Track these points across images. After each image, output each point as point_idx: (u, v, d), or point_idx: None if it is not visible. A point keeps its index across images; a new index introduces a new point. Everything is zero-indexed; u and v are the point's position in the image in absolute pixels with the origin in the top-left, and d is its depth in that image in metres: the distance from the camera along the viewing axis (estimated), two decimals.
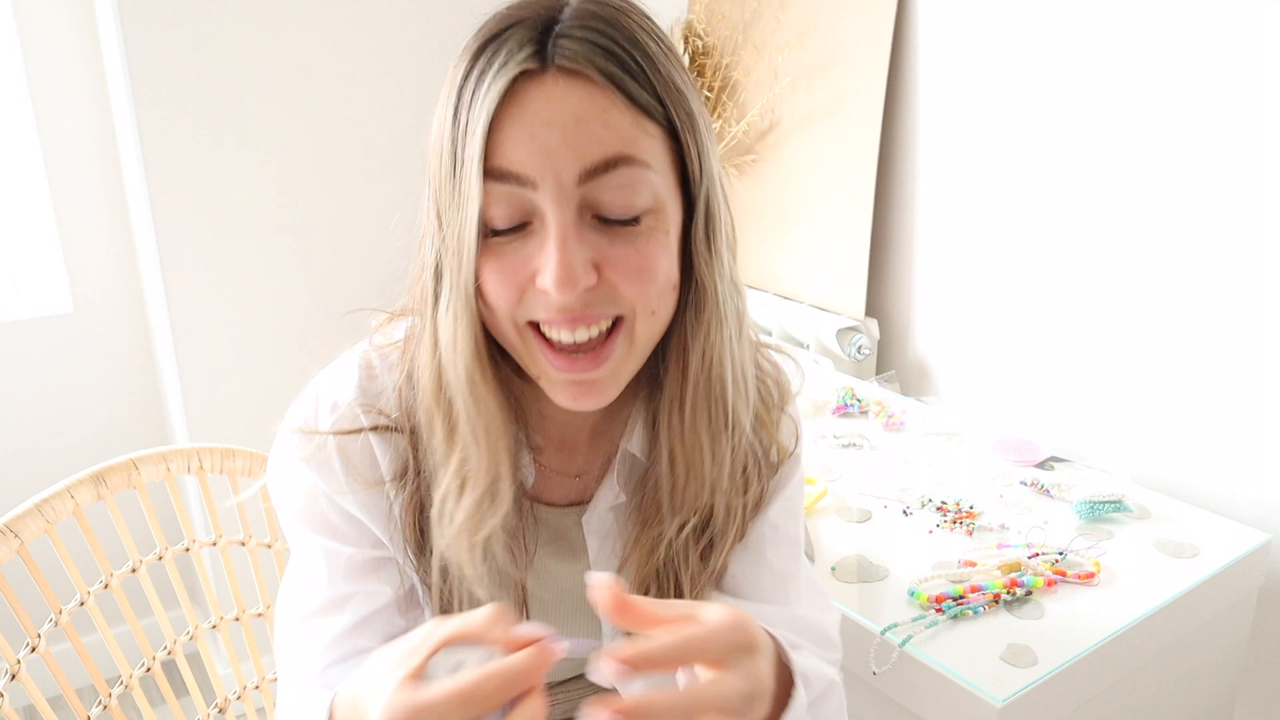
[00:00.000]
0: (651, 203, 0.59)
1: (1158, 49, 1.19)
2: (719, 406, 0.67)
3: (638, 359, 0.63)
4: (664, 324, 0.64)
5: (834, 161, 1.59)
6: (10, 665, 0.93)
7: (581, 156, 0.56)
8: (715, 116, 1.77)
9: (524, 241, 0.59)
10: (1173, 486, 1.25)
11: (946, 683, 0.87)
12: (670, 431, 0.67)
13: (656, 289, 0.61)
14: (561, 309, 0.58)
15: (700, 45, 1.78)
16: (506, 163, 0.57)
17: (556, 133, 0.56)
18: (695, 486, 0.69)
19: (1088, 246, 1.31)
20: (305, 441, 0.68)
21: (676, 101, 0.60)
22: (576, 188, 0.57)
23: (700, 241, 0.63)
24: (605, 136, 0.57)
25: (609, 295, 0.59)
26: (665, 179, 0.60)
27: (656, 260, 0.60)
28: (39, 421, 1.97)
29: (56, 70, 1.82)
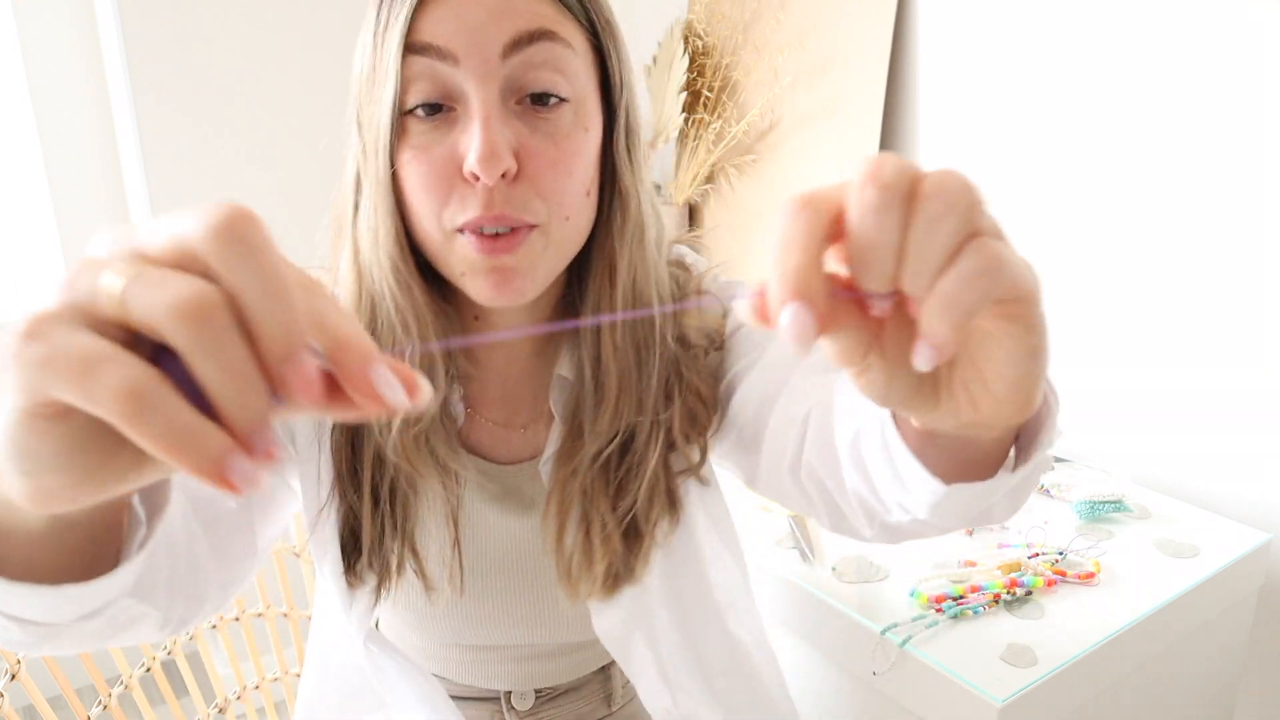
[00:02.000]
0: (573, 92, 0.60)
1: (1159, 48, 1.19)
2: (646, 320, 0.67)
3: (555, 259, 0.63)
4: (580, 232, 0.64)
5: (834, 161, 1.59)
6: (10, 665, 0.93)
7: (507, 29, 0.57)
8: (715, 116, 1.77)
9: (447, 130, 0.59)
10: (1173, 486, 1.25)
11: (946, 683, 0.87)
12: (600, 343, 0.67)
13: (571, 188, 0.60)
14: (486, 204, 0.57)
15: (700, 45, 1.78)
16: (429, 36, 0.57)
17: (481, 10, 0.57)
18: (626, 399, 0.68)
19: (1087, 246, 1.31)
20: None
21: (599, 11, 0.62)
22: (501, 62, 0.57)
23: (622, 150, 0.64)
24: (528, 13, 0.57)
25: (528, 191, 0.59)
26: (586, 75, 0.61)
27: (574, 156, 0.60)
28: None
29: (56, 70, 1.83)
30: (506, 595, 0.76)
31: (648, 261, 0.67)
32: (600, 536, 0.70)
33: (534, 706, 0.84)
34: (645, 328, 0.68)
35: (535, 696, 0.84)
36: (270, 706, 1.19)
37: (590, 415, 0.69)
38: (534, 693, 0.84)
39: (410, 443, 0.66)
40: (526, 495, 0.75)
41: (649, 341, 0.68)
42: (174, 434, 0.27)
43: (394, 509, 0.69)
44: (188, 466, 0.27)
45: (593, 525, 0.70)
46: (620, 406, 0.68)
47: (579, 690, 0.86)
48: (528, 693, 0.84)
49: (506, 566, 0.76)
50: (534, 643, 0.80)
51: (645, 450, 0.70)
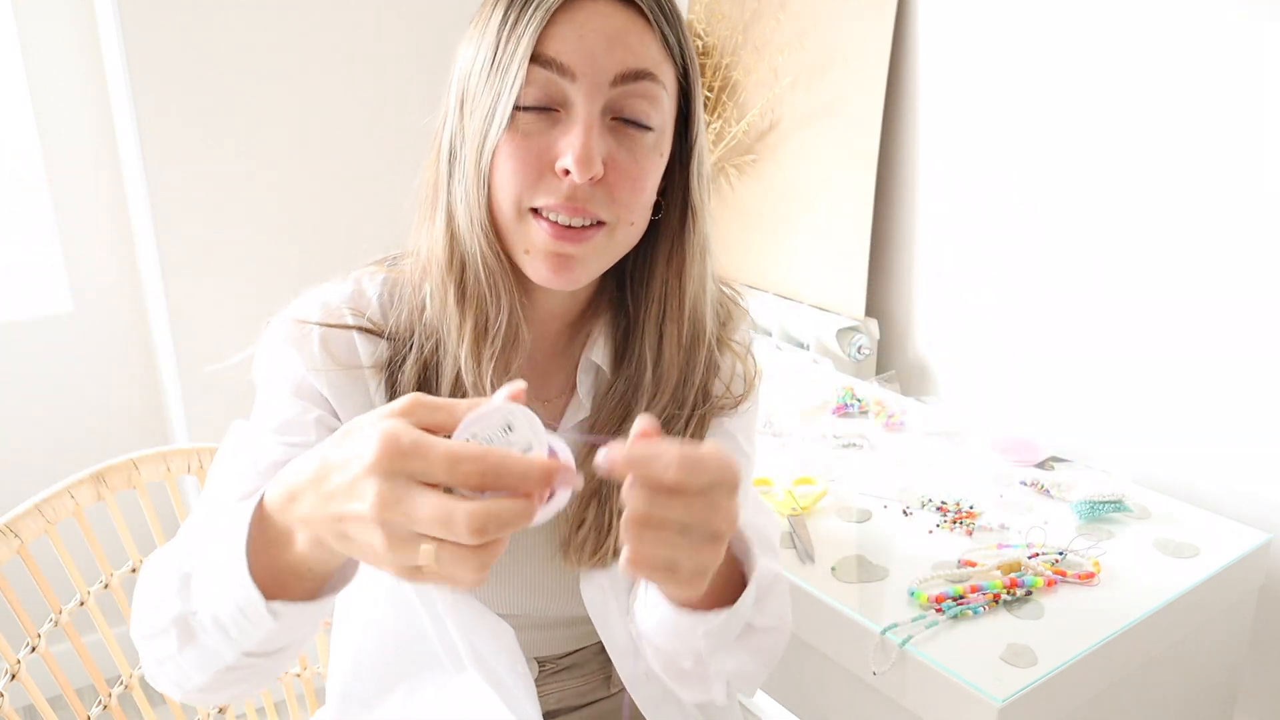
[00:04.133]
0: (658, 123, 0.69)
1: (1158, 49, 1.19)
2: (701, 327, 0.77)
3: (611, 257, 0.71)
4: (635, 237, 0.72)
5: (834, 161, 1.58)
6: (10, 665, 0.93)
7: (620, 62, 0.66)
8: (715, 116, 1.77)
9: (548, 127, 0.67)
10: (1173, 486, 1.25)
11: (946, 683, 0.87)
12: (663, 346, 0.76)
13: (640, 201, 0.70)
14: (570, 196, 0.66)
15: (700, 45, 1.78)
16: (554, 52, 0.66)
17: (602, 39, 0.66)
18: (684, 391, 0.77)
19: (1088, 246, 1.31)
20: (293, 326, 0.76)
21: (691, 52, 0.72)
22: (609, 88, 0.66)
23: (695, 174, 0.74)
24: (641, 53, 0.67)
25: (605, 196, 0.67)
26: (670, 111, 0.71)
27: (648, 174, 0.70)
28: (39, 421, 1.97)
29: (56, 70, 1.82)
30: (508, 563, 0.81)
31: (705, 274, 0.77)
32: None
33: (537, 678, 0.87)
34: (698, 332, 0.77)
35: (539, 668, 0.88)
36: (270, 707, 1.19)
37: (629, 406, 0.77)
38: (535, 662, 0.87)
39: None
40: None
41: (699, 344, 0.78)
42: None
43: None
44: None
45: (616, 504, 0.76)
46: (671, 399, 0.77)
47: (581, 667, 0.89)
48: (530, 661, 0.87)
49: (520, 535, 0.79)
50: (527, 613, 0.83)
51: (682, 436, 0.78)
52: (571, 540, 0.78)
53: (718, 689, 0.74)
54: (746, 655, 0.72)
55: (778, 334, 1.68)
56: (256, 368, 0.78)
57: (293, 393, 0.75)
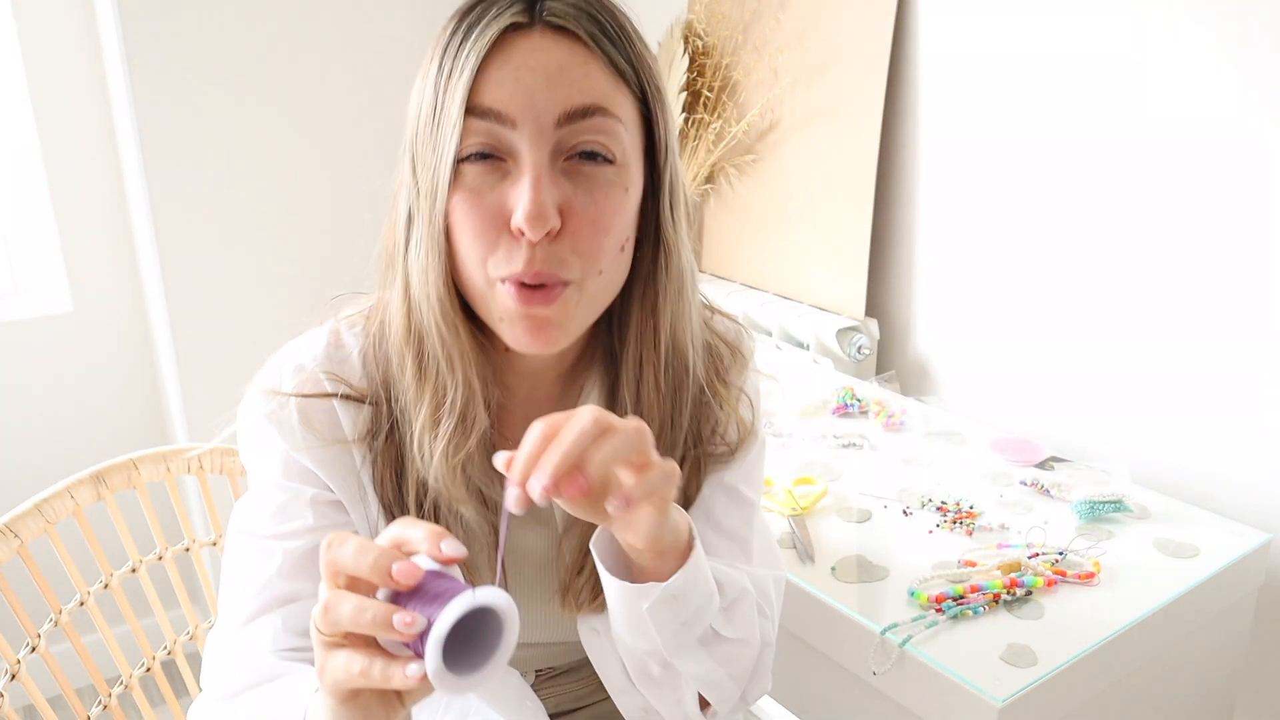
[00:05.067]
0: (618, 156, 0.64)
1: (1158, 49, 1.19)
2: (682, 364, 0.73)
3: (589, 312, 0.67)
4: (613, 285, 0.68)
5: (834, 161, 1.59)
6: (10, 665, 0.93)
7: (562, 101, 0.61)
8: (715, 116, 1.77)
9: (498, 178, 0.63)
10: (1173, 486, 1.25)
11: (946, 683, 0.87)
12: (642, 390, 0.72)
13: (609, 245, 0.65)
14: (528, 261, 0.62)
15: (700, 45, 1.78)
16: (490, 101, 0.61)
17: (541, 78, 0.61)
18: (664, 440, 0.73)
19: (1088, 246, 1.31)
20: (268, 400, 0.72)
21: (649, 74, 0.66)
22: (554, 130, 0.62)
23: (666, 207, 0.69)
24: (586, 86, 0.62)
25: (566, 249, 0.63)
26: (633, 141, 0.66)
27: (613, 215, 0.64)
28: (39, 421, 1.97)
29: (56, 70, 1.82)
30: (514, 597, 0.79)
31: (686, 311, 0.72)
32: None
33: (535, 684, 0.88)
34: (681, 373, 0.73)
35: (536, 675, 0.88)
36: None
37: None
38: (534, 672, 0.88)
39: (449, 473, 0.69)
40: (539, 512, 0.78)
41: (684, 385, 0.74)
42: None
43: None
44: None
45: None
46: (659, 445, 0.72)
47: (577, 672, 0.90)
48: (528, 672, 0.88)
49: (517, 574, 0.80)
50: (532, 641, 0.84)
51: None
52: (571, 586, 0.77)
53: (689, 700, 0.73)
54: (713, 663, 0.71)
55: (778, 334, 1.68)
56: (240, 445, 0.76)
57: (281, 474, 0.72)
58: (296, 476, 0.73)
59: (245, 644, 0.71)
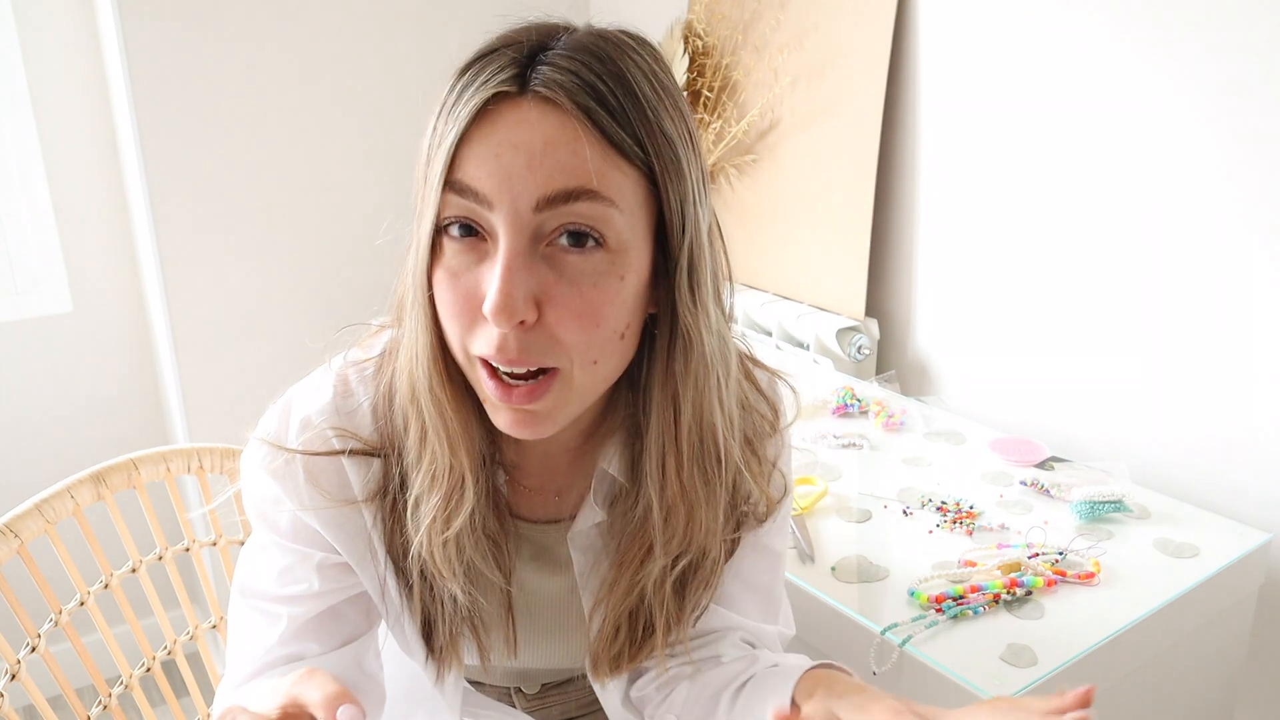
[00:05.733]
0: (611, 240, 0.57)
1: (1158, 49, 1.19)
2: (710, 450, 0.66)
3: (581, 402, 0.62)
4: (612, 372, 0.63)
5: (834, 161, 1.59)
6: (10, 665, 0.93)
7: (542, 184, 0.55)
8: (715, 116, 1.77)
9: (477, 258, 0.58)
10: (1173, 486, 1.25)
11: (946, 683, 0.87)
12: (665, 478, 0.66)
13: (599, 336, 0.59)
14: (500, 348, 0.57)
15: (700, 45, 1.78)
16: (468, 178, 0.56)
17: (521, 156, 0.55)
18: (695, 528, 0.68)
19: (1088, 247, 1.31)
20: (273, 455, 0.68)
21: (660, 146, 0.58)
22: (533, 214, 0.56)
23: (684, 292, 0.61)
24: (571, 167, 0.55)
25: (546, 339, 0.58)
26: (634, 221, 0.59)
27: (601, 306, 0.58)
28: (39, 421, 1.97)
29: (56, 70, 1.82)
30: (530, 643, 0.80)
31: (713, 396, 0.65)
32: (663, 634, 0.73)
33: (540, 692, 0.90)
34: (712, 461, 0.67)
35: (541, 687, 0.90)
36: None
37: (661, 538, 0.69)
38: (540, 685, 0.90)
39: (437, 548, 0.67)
40: (556, 556, 0.77)
41: (715, 474, 0.68)
42: None
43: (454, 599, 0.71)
44: None
45: (656, 623, 0.73)
46: (690, 534, 0.69)
47: (577, 682, 0.91)
48: (535, 685, 0.90)
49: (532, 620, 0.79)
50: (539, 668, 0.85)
51: (704, 562, 0.72)
52: (604, 654, 0.74)
53: None
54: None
55: (778, 334, 1.68)
56: (244, 497, 0.72)
57: (289, 535, 0.70)
58: (303, 539, 0.70)
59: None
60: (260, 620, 0.72)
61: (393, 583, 0.71)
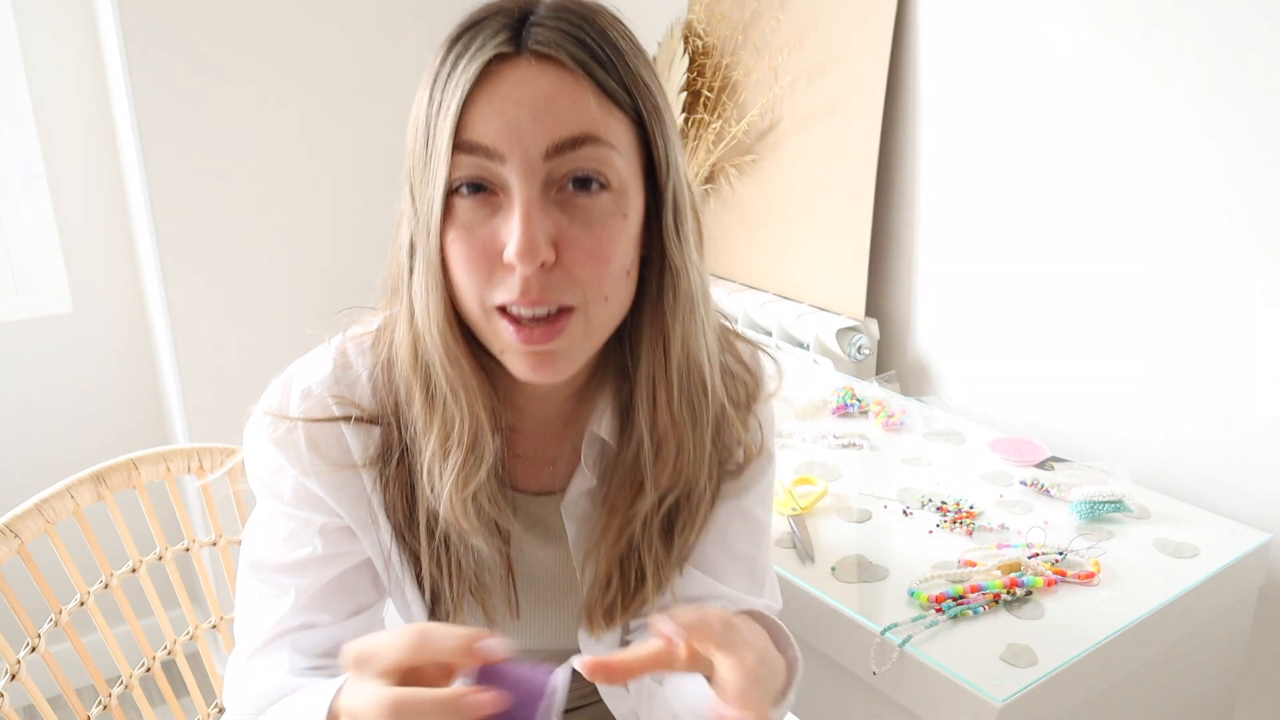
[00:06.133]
0: (614, 181, 0.63)
1: (1158, 49, 1.19)
2: (698, 385, 0.71)
3: (594, 340, 0.66)
4: (620, 309, 0.67)
5: (834, 161, 1.59)
6: (10, 665, 0.93)
7: (550, 133, 0.60)
8: (715, 116, 1.77)
9: (490, 211, 0.62)
10: (1173, 486, 1.25)
11: (946, 683, 0.87)
12: (657, 412, 0.70)
13: (610, 273, 0.63)
14: (524, 291, 0.61)
15: (700, 45, 1.78)
16: (477, 136, 0.60)
17: (526, 110, 0.60)
18: (684, 460, 0.72)
19: (1088, 247, 1.31)
20: (275, 424, 0.71)
21: (644, 94, 0.64)
22: (543, 162, 0.60)
23: (670, 228, 0.67)
24: (574, 116, 0.60)
25: (565, 278, 0.62)
26: (630, 164, 0.64)
27: (611, 244, 0.63)
28: (39, 421, 1.97)
29: (56, 70, 1.83)
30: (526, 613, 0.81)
31: (698, 330, 0.70)
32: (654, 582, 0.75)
33: None
34: (698, 394, 0.71)
35: None
36: None
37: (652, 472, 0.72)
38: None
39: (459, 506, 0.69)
40: (551, 527, 0.79)
41: (702, 406, 0.72)
42: None
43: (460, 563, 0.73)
44: None
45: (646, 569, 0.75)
46: (679, 465, 0.72)
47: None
48: None
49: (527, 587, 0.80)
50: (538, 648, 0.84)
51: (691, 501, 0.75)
52: (596, 606, 0.76)
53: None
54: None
55: (778, 334, 1.68)
56: (248, 470, 0.75)
57: (291, 501, 0.72)
58: (306, 504, 0.72)
59: (262, 667, 0.72)
60: (269, 592, 0.73)
61: (394, 548, 0.73)
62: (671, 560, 0.76)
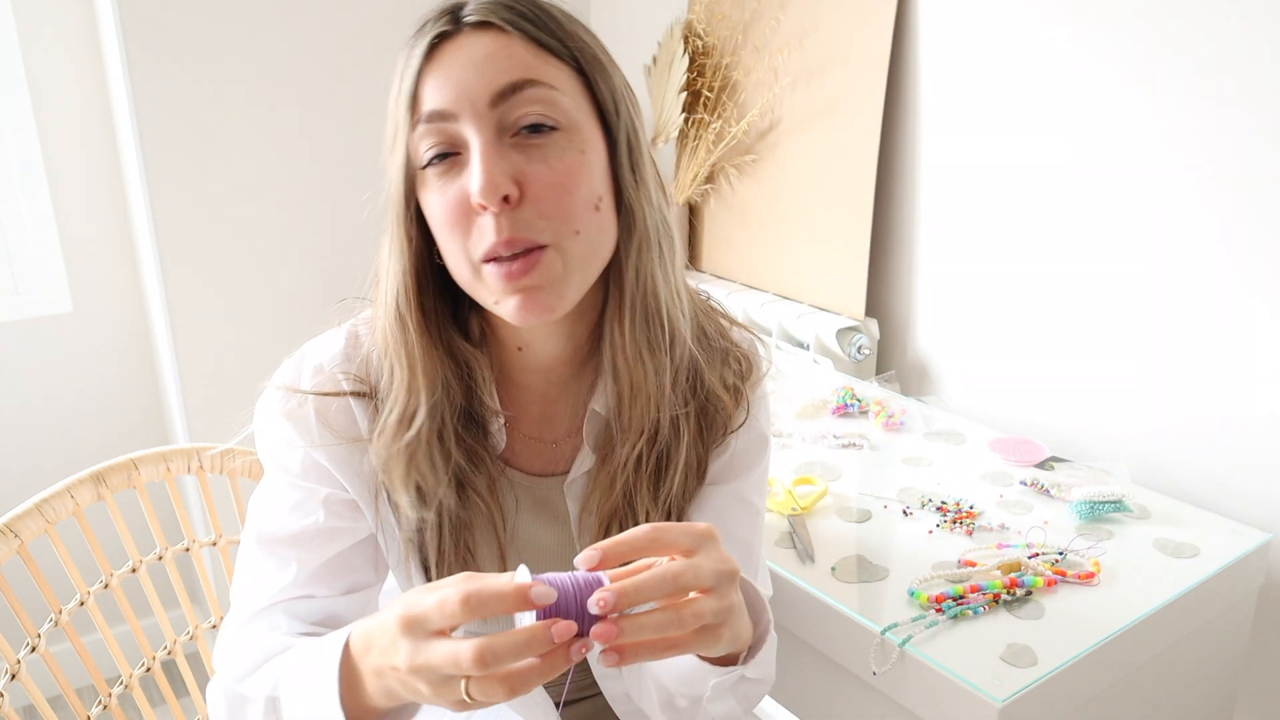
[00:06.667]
0: (563, 120, 0.67)
1: (1158, 49, 1.19)
2: (655, 320, 0.73)
3: (576, 276, 0.69)
4: (594, 245, 0.69)
5: (834, 161, 1.59)
6: (10, 665, 0.93)
7: (491, 82, 0.65)
8: (715, 116, 1.77)
9: (458, 172, 0.66)
10: (1173, 486, 1.25)
11: (946, 683, 0.87)
12: (613, 347, 0.73)
13: (576, 203, 0.67)
14: (498, 230, 0.64)
15: (700, 45, 1.78)
16: (432, 104, 0.66)
17: (470, 70, 0.66)
18: (640, 401, 0.74)
19: (1088, 247, 1.31)
20: (286, 398, 0.74)
21: (580, 46, 0.69)
22: (490, 110, 0.65)
23: (625, 169, 0.71)
24: (510, 65, 0.66)
25: (533, 214, 0.65)
26: (578, 104, 0.68)
27: (570, 176, 0.67)
28: (39, 421, 1.97)
29: (56, 70, 1.82)
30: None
31: (656, 269, 0.73)
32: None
33: None
34: (658, 330, 0.73)
35: None
36: None
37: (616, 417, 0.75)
38: None
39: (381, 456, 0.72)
40: (555, 508, 0.81)
41: (658, 344, 0.73)
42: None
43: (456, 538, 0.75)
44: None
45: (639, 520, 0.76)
46: (635, 406, 0.74)
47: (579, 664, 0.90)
48: None
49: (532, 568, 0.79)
50: None
51: (673, 442, 0.76)
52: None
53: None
54: (734, 700, 0.74)
55: (778, 334, 1.68)
56: (257, 442, 0.78)
57: (298, 473, 0.75)
58: (312, 476, 0.74)
59: (259, 629, 0.73)
60: (272, 565, 0.75)
61: (396, 524, 0.75)
62: (659, 507, 0.78)
